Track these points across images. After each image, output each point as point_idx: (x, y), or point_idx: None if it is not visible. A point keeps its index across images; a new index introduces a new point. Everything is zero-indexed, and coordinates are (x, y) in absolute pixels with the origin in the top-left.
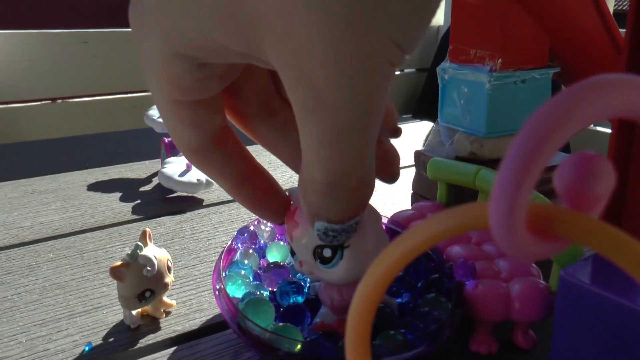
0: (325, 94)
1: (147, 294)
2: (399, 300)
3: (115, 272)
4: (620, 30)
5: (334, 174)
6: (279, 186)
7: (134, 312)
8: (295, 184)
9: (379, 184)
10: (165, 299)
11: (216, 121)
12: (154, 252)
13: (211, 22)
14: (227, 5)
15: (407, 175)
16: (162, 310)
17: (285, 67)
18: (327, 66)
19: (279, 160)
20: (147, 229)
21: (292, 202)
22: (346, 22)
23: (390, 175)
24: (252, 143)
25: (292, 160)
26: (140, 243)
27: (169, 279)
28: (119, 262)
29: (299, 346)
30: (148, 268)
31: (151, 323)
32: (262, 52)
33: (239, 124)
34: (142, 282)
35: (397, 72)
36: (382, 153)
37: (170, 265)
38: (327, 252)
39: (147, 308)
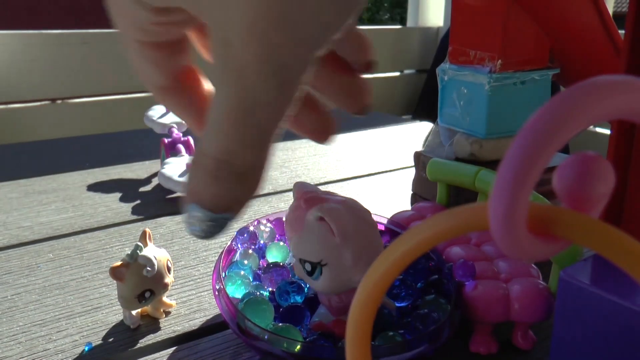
0: (245, 62)
1: (147, 295)
2: (398, 304)
3: (115, 273)
4: (620, 31)
5: (225, 149)
6: None
7: (133, 313)
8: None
9: (379, 184)
10: (165, 299)
11: (181, 62)
12: (153, 252)
13: None
14: None
15: (406, 176)
16: (161, 310)
17: (213, 28)
18: (254, 35)
19: (278, 161)
20: (147, 229)
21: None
22: (282, 6)
23: (361, 107)
24: None
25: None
26: (140, 243)
27: (169, 279)
28: (119, 263)
29: (298, 346)
30: (148, 268)
31: (151, 323)
32: (198, 10)
33: (163, 85)
34: (142, 283)
35: (397, 73)
36: (352, 84)
37: (170, 265)
38: (307, 267)
39: (147, 308)
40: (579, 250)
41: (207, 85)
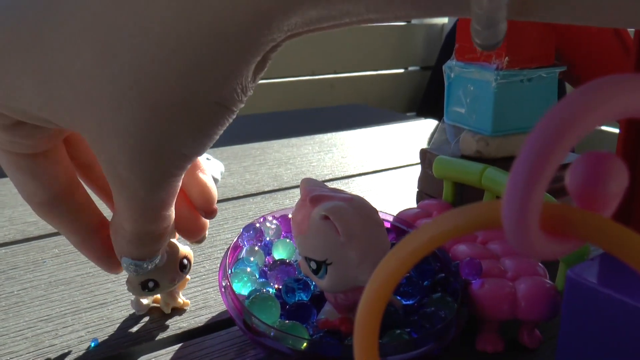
0: (128, 180)
1: (151, 284)
2: (405, 302)
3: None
4: (629, 30)
5: (139, 229)
6: None
7: (144, 301)
8: (299, 182)
9: (384, 182)
10: (180, 297)
11: (59, 173)
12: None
13: (43, 110)
14: (49, 103)
15: (412, 174)
16: (169, 305)
17: (98, 155)
18: (129, 165)
19: (283, 158)
20: None
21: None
22: (142, 144)
23: (196, 240)
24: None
25: None
26: None
27: (180, 275)
28: None
29: (304, 344)
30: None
31: (156, 319)
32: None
33: (81, 175)
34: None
35: (401, 70)
36: (194, 222)
37: (186, 262)
38: (313, 265)
39: (158, 299)
40: (586, 249)
41: (89, 195)
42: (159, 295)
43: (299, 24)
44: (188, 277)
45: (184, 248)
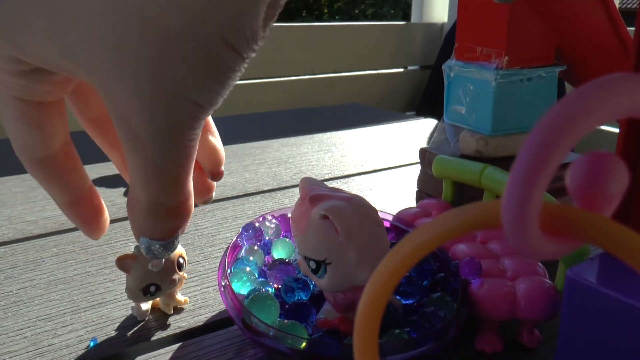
0: (140, 136)
1: (152, 289)
2: (404, 302)
3: (121, 264)
4: (628, 28)
5: (154, 198)
6: (104, 207)
7: (143, 307)
8: (298, 181)
9: (384, 181)
10: (178, 296)
11: (60, 130)
12: None
13: (47, 51)
14: (61, 51)
15: (412, 173)
16: (171, 306)
17: (110, 108)
18: (140, 117)
19: (282, 157)
20: None
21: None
22: (152, 89)
23: (202, 201)
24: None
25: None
26: None
27: (178, 275)
28: (128, 254)
29: (303, 343)
30: (153, 262)
31: (156, 319)
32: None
33: (87, 127)
34: (147, 276)
35: (401, 70)
36: (201, 183)
37: (182, 262)
38: (312, 264)
39: (159, 302)
40: (586, 249)
41: (80, 161)
42: (158, 299)
43: None
44: (185, 275)
45: (178, 248)
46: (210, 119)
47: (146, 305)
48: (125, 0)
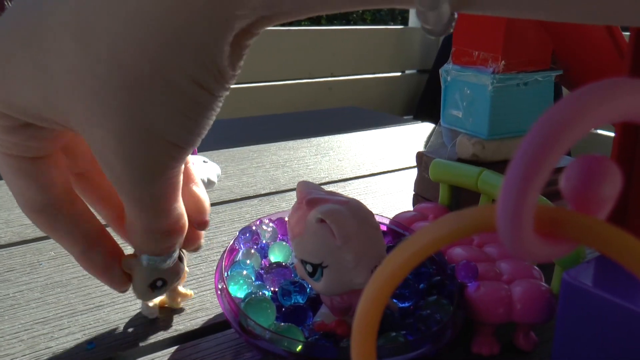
0: (122, 178)
1: (159, 283)
2: (401, 305)
3: (125, 264)
4: (623, 33)
5: (146, 225)
6: (122, 251)
7: (150, 304)
8: (295, 184)
9: (381, 185)
10: (180, 288)
11: (58, 178)
12: None
13: (31, 104)
14: (44, 98)
15: (409, 177)
16: (178, 300)
17: (95, 154)
18: (122, 161)
19: (279, 160)
20: None
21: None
22: (128, 132)
23: (191, 249)
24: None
25: (115, 218)
26: None
27: (181, 268)
28: (131, 253)
29: (299, 346)
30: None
31: (153, 322)
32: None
33: (72, 182)
34: (152, 272)
35: (398, 73)
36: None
37: (182, 255)
38: (309, 268)
39: (165, 300)
40: (582, 252)
41: (88, 207)
42: (163, 298)
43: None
44: (187, 269)
45: None
46: (192, 168)
47: (152, 303)
48: (97, 44)
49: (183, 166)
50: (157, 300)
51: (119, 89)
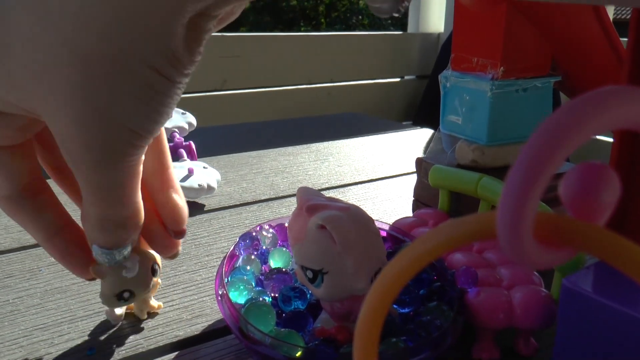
0: (79, 162)
1: (126, 295)
2: (401, 311)
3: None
4: (621, 39)
5: (101, 213)
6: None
7: (117, 311)
8: (295, 190)
9: (380, 190)
10: (152, 301)
11: (25, 169)
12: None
13: (2, 89)
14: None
15: (408, 183)
16: (145, 312)
17: (56, 138)
18: (80, 146)
19: (279, 166)
20: None
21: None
22: (87, 116)
23: (168, 256)
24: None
25: None
26: None
27: (152, 280)
28: None
29: (299, 352)
30: (127, 267)
31: (152, 328)
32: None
33: (51, 173)
34: (121, 282)
35: (397, 79)
36: (164, 240)
37: (156, 267)
38: (309, 274)
39: (133, 307)
40: (581, 258)
41: (55, 196)
42: (132, 304)
43: None
44: (159, 280)
45: (152, 253)
46: (173, 174)
47: (120, 310)
48: (56, 25)
49: (143, 156)
50: (124, 308)
51: (76, 72)
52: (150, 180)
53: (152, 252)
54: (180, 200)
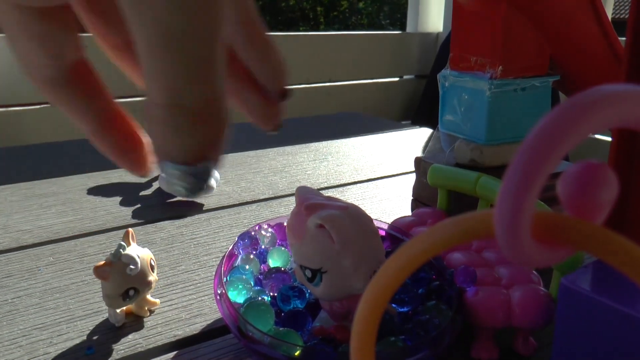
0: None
1: (131, 293)
2: (400, 309)
3: (99, 272)
4: (620, 38)
5: (170, 90)
6: (142, 135)
7: (118, 311)
8: (294, 190)
9: (379, 190)
10: (149, 297)
11: (68, 43)
12: (136, 251)
13: None
14: None
15: (407, 182)
16: (146, 308)
17: None
18: None
19: (278, 166)
20: (130, 230)
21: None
22: None
23: (273, 127)
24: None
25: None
26: (123, 243)
27: (153, 277)
28: (103, 262)
29: (298, 351)
30: (131, 267)
31: (151, 327)
32: None
33: (112, 56)
34: (125, 281)
35: (396, 79)
36: (266, 107)
37: (153, 264)
38: (308, 273)
39: (132, 307)
40: (580, 257)
41: (103, 83)
42: (130, 305)
43: None
44: (156, 277)
45: (146, 251)
46: (261, 24)
47: (120, 310)
48: None
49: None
50: (125, 307)
51: None
52: (234, 35)
53: (146, 250)
54: (277, 52)
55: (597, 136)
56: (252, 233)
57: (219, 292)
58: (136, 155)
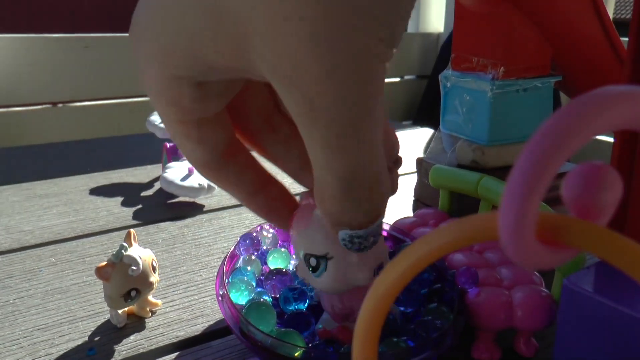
0: (317, 99)
1: (133, 293)
2: (402, 308)
3: (100, 272)
4: (622, 39)
5: (345, 175)
6: (291, 194)
7: (120, 312)
8: (295, 190)
9: None
10: (150, 298)
11: (222, 137)
12: (138, 252)
13: (202, 38)
14: (214, 18)
15: (409, 183)
16: (148, 309)
17: (276, 77)
18: (314, 72)
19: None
20: (132, 230)
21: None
22: (326, 28)
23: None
24: None
25: (297, 174)
26: (124, 244)
27: (154, 278)
28: (104, 263)
29: (299, 352)
30: (133, 267)
31: (153, 328)
32: (254, 65)
33: (243, 140)
34: (127, 282)
35: (397, 79)
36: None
37: (155, 265)
38: (313, 261)
39: (133, 308)
40: (582, 258)
41: (253, 155)
42: (131, 307)
43: None
44: (158, 278)
45: (147, 252)
46: None
47: (122, 311)
48: None
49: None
50: (126, 308)
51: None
52: None
53: (147, 251)
54: (392, 129)
55: (600, 138)
56: (254, 234)
57: (220, 293)
58: (285, 214)
